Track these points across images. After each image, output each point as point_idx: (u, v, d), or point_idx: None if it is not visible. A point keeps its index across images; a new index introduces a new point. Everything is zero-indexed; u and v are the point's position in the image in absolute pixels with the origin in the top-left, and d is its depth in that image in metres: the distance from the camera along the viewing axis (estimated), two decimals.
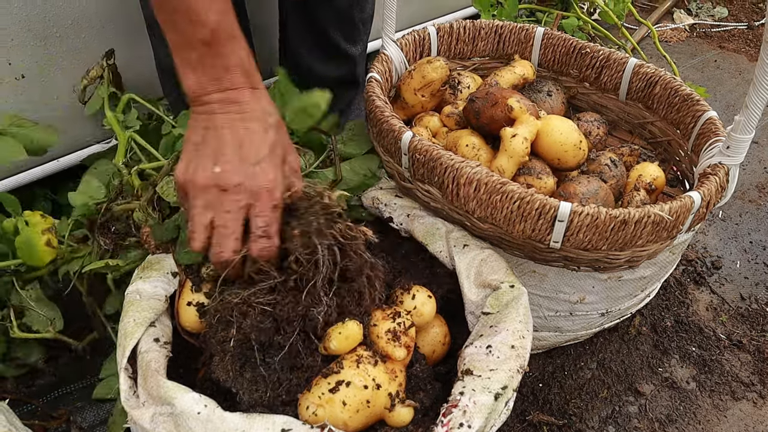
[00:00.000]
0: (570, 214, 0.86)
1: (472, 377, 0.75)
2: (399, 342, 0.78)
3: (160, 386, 0.70)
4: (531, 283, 1.04)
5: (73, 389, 1.13)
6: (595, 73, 1.26)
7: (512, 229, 0.91)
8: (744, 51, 2.25)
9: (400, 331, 0.79)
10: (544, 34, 1.29)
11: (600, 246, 0.90)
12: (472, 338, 0.83)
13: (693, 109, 1.11)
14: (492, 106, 1.01)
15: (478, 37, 1.31)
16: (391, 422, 0.76)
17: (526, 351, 0.79)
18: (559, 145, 1.00)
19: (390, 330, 0.79)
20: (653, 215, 0.87)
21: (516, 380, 0.76)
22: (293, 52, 1.40)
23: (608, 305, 1.10)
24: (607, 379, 1.22)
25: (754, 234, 1.55)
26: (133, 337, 0.77)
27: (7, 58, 1.18)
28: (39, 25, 1.19)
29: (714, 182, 0.94)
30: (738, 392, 1.21)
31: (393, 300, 0.88)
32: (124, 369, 0.76)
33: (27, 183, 1.29)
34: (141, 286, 0.84)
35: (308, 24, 1.32)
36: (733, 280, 1.43)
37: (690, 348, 1.28)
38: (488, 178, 0.89)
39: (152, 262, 0.89)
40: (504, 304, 0.84)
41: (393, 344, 0.78)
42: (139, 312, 0.80)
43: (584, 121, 1.20)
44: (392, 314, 0.81)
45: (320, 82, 1.42)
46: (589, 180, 1.00)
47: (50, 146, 1.11)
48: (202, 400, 0.69)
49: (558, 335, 1.16)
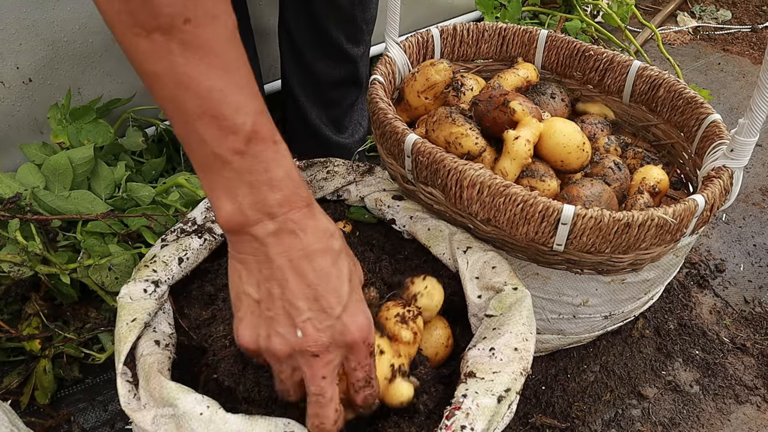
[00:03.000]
0: (573, 217, 0.86)
1: (475, 380, 0.75)
2: (407, 325, 0.79)
3: (162, 387, 0.70)
4: (534, 285, 1.04)
5: (76, 390, 1.13)
6: (599, 76, 1.26)
7: (515, 231, 0.91)
8: (748, 54, 2.25)
9: (409, 317, 0.80)
10: (547, 36, 1.29)
11: (603, 249, 0.90)
12: (475, 341, 0.83)
13: (697, 112, 1.11)
14: (495, 108, 1.01)
15: (482, 39, 1.31)
16: (389, 397, 0.73)
17: (529, 354, 0.79)
18: (562, 147, 1.00)
19: (399, 314, 0.80)
20: (657, 218, 0.87)
21: (519, 383, 0.76)
22: (294, 51, 1.39)
23: (611, 308, 1.10)
24: (610, 382, 1.22)
25: (757, 237, 1.54)
26: (127, 341, 0.77)
27: (15, 62, 1.19)
28: (46, 30, 1.19)
29: (718, 185, 0.94)
30: (742, 396, 1.21)
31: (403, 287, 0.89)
32: (121, 373, 0.76)
33: None
34: (132, 288, 0.84)
35: (310, 23, 1.32)
36: (737, 284, 1.43)
37: (693, 351, 1.28)
38: (491, 181, 0.89)
39: (146, 259, 0.89)
40: (507, 307, 0.84)
41: (401, 326, 0.79)
42: (130, 314, 0.80)
43: (588, 123, 1.19)
44: (402, 303, 0.83)
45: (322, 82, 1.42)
46: (592, 183, 0.99)
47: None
48: (205, 401, 0.69)
49: (561, 338, 1.16)
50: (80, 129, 1.22)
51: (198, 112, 0.54)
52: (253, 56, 1.37)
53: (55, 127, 1.21)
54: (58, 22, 1.20)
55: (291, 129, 1.58)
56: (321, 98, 1.46)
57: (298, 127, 1.53)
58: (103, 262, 1.07)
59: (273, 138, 0.58)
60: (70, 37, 1.23)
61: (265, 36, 1.50)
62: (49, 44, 1.21)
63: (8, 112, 1.23)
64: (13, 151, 1.25)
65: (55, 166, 1.14)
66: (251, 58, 1.35)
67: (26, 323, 1.07)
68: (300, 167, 1.08)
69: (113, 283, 1.09)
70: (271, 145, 0.57)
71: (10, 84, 1.20)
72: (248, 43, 1.34)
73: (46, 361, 1.07)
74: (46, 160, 1.15)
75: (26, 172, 1.15)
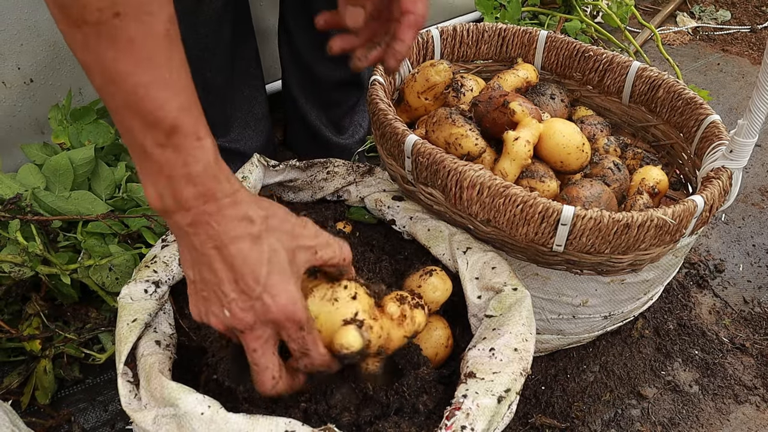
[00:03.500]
0: (573, 218, 0.86)
1: (475, 380, 0.75)
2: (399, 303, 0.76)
3: (163, 387, 0.70)
4: (534, 285, 1.04)
5: (76, 390, 1.13)
6: (599, 77, 1.26)
7: (515, 232, 0.91)
8: (747, 54, 2.25)
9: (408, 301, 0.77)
10: (547, 37, 1.29)
11: (603, 249, 0.90)
12: (475, 341, 0.83)
13: (696, 113, 1.11)
14: (494, 109, 1.01)
15: (482, 40, 1.31)
16: (334, 343, 0.70)
17: (529, 354, 0.79)
18: (562, 147, 1.00)
19: (401, 296, 0.78)
20: (656, 219, 0.87)
21: (519, 383, 0.76)
22: (294, 52, 1.39)
23: (611, 308, 1.10)
24: (609, 382, 1.22)
25: (757, 237, 1.54)
26: (128, 341, 0.77)
27: (17, 63, 1.19)
28: (48, 30, 1.20)
29: (717, 186, 0.94)
30: (741, 396, 1.21)
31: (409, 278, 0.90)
32: (122, 374, 0.76)
33: None
34: (132, 289, 0.84)
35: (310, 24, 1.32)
36: (736, 284, 1.43)
37: (693, 351, 1.28)
38: (491, 182, 0.89)
39: (147, 260, 0.90)
40: (507, 307, 0.84)
41: (394, 302, 0.76)
42: (131, 315, 0.80)
43: (587, 123, 1.20)
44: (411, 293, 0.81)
45: (322, 83, 1.42)
46: (592, 183, 1.00)
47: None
48: (206, 401, 0.69)
49: (561, 338, 1.16)
50: (81, 130, 1.23)
51: (123, 104, 0.57)
52: (255, 57, 1.37)
53: (56, 127, 1.22)
54: None
55: (291, 130, 1.59)
56: (321, 99, 1.46)
57: (297, 128, 1.54)
58: (103, 262, 1.07)
59: (196, 134, 0.60)
60: None
61: (266, 37, 1.50)
62: (50, 45, 1.22)
63: (9, 113, 1.23)
64: (14, 151, 1.25)
65: (55, 167, 1.15)
66: (253, 58, 1.36)
67: (27, 323, 1.07)
68: (300, 168, 1.08)
69: (113, 283, 1.09)
70: (193, 141, 0.59)
71: (12, 84, 1.20)
72: (250, 43, 1.34)
73: (47, 361, 1.07)
74: (47, 160, 1.16)
75: (27, 173, 1.15)
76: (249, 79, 1.36)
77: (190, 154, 0.60)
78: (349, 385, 0.78)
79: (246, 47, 1.32)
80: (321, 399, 0.77)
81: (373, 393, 0.78)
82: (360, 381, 0.79)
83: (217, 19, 1.18)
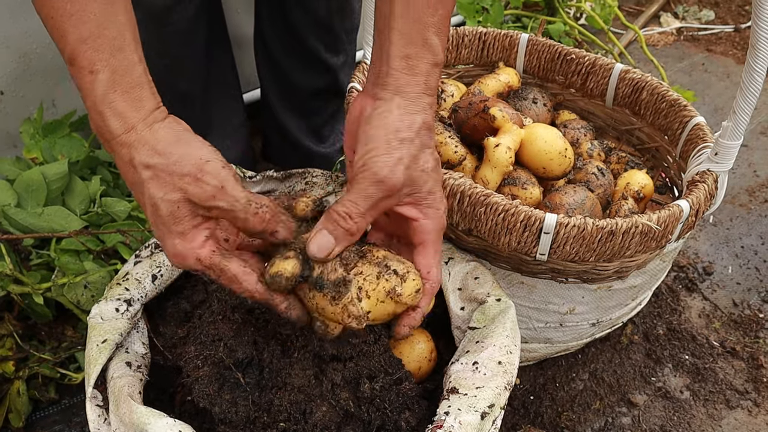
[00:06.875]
0: (556, 226, 0.84)
1: (458, 396, 0.73)
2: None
3: (132, 412, 0.68)
4: (520, 294, 1.02)
5: (52, 411, 1.10)
6: (581, 80, 1.25)
7: (497, 241, 0.89)
8: (731, 54, 2.24)
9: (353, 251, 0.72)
10: (528, 40, 1.27)
11: (588, 257, 0.88)
12: (458, 354, 0.81)
13: (680, 115, 1.10)
14: (475, 115, 0.99)
15: (462, 44, 1.30)
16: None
17: (513, 367, 0.77)
18: (544, 153, 0.98)
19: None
20: (641, 225, 0.86)
21: (503, 398, 0.74)
22: (270, 61, 1.37)
23: (599, 315, 1.08)
24: (599, 390, 1.20)
25: (745, 238, 1.53)
26: (97, 363, 0.74)
27: None
28: (19, 41, 1.17)
29: (703, 190, 0.93)
30: (732, 401, 1.19)
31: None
32: (91, 397, 0.73)
33: None
34: (103, 308, 0.81)
35: (285, 32, 1.29)
36: (726, 286, 1.41)
37: (683, 356, 1.26)
38: (471, 190, 0.87)
39: (119, 277, 0.87)
40: (491, 319, 0.82)
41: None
42: (101, 335, 0.78)
43: (571, 128, 1.18)
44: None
45: (300, 91, 1.40)
46: (575, 189, 0.98)
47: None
48: (177, 425, 0.66)
49: (548, 346, 1.14)
50: (54, 144, 1.20)
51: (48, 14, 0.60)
52: (231, 66, 1.34)
53: (28, 141, 1.19)
54: (30, 33, 1.18)
55: (271, 140, 1.56)
56: (300, 108, 1.43)
57: (277, 137, 1.51)
58: (78, 280, 1.04)
59: (89, 67, 0.61)
60: (42, 48, 1.20)
61: (244, 45, 1.48)
62: (21, 56, 1.19)
63: None
64: None
65: (28, 183, 1.12)
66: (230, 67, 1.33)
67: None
68: (278, 178, 1.05)
69: (89, 301, 1.06)
70: (86, 74, 0.61)
71: None
72: (226, 52, 1.31)
73: (20, 383, 1.04)
74: (19, 176, 1.13)
75: None
76: (226, 88, 1.33)
77: (84, 88, 0.62)
78: (329, 402, 0.76)
79: (221, 56, 1.29)
80: (300, 419, 0.74)
81: (354, 410, 0.76)
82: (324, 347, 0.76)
83: (189, 29, 1.15)
